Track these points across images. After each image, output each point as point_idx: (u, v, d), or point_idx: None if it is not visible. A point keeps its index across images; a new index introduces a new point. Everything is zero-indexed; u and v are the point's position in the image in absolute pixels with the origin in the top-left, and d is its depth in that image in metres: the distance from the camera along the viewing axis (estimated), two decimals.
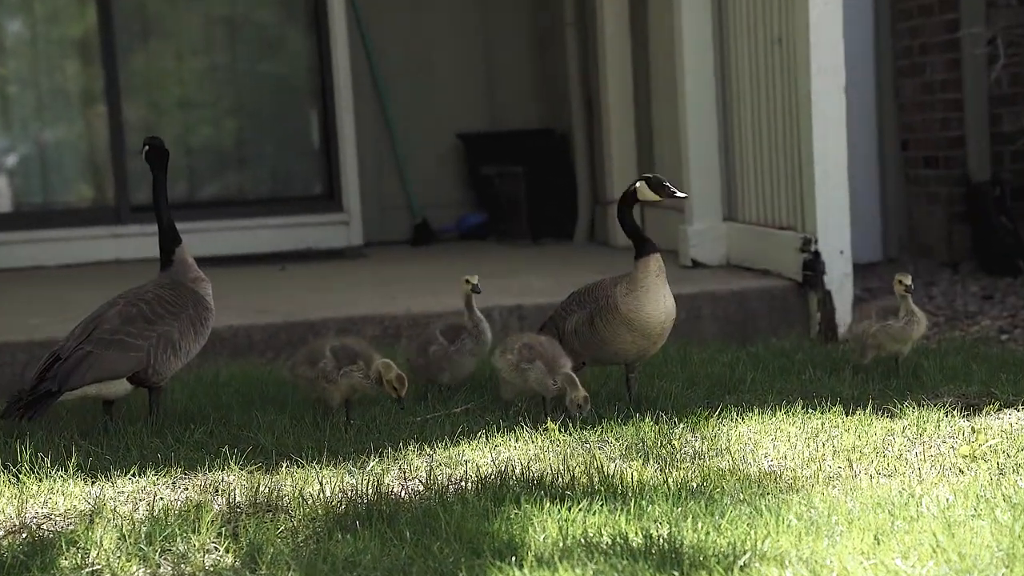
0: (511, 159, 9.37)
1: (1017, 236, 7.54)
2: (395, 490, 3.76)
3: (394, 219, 9.71)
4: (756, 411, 4.43)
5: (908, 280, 4.86)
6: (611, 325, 4.51)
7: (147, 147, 4.65)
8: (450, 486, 3.74)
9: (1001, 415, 4.38)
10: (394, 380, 4.41)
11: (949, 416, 4.30)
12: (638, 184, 4.62)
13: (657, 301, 4.50)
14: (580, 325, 4.59)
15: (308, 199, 9.48)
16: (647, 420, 4.32)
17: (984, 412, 4.40)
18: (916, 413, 4.32)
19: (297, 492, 3.68)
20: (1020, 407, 4.45)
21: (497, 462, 3.97)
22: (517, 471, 3.80)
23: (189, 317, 4.51)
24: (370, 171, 9.53)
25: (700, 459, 3.91)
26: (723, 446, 4.05)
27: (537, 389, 4.51)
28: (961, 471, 3.72)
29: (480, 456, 4.07)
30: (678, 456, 3.95)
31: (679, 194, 4.56)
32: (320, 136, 9.49)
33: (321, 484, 3.76)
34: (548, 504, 3.43)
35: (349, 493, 3.66)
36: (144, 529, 3.32)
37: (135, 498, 3.71)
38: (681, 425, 4.30)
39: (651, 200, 4.62)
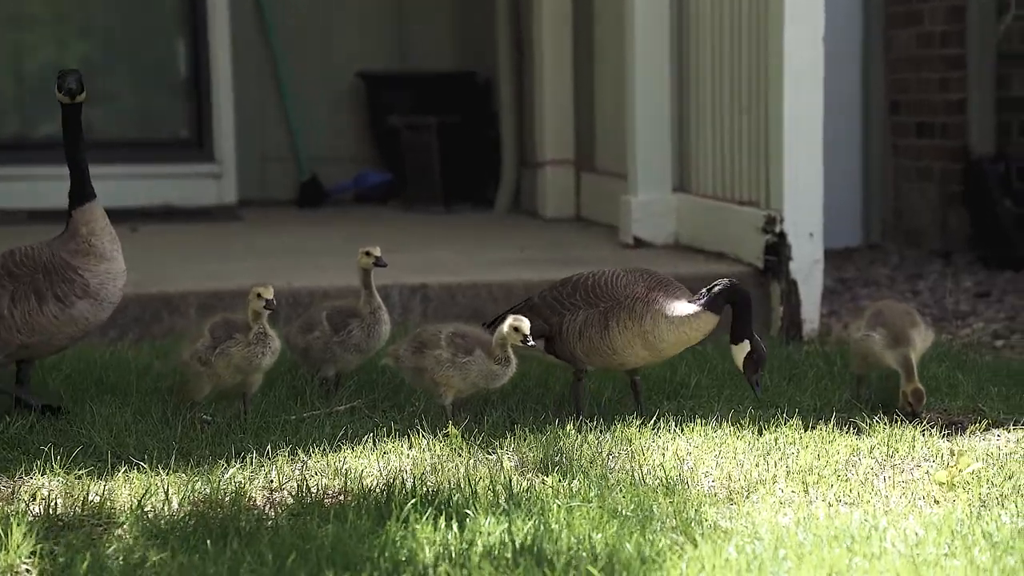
0: (422, 107, 9.36)
1: (1023, 223, 7.70)
2: (259, 503, 3.75)
3: (277, 174, 9.65)
4: (699, 422, 4.49)
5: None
6: (627, 333, 4.56)
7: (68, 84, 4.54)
8: (326, 499, 3.73)
9: (987, 436, 4.48)
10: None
11: (926, 435, 4.40)
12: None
13: (676, 336, 4.54)
14: (589, 327, 4.59)
15: (170, 145, 9.38)
16: (568, 428, 4.36)
17: (968, 432, 4.50)
18: (887, 430, 4.41)
19: (136, 503, 3.65)
20: (1011, 427, 4.56)
21: (385, 472, 3.98)
22: (408, 484, 3.81)
23: (34, 286, 4.49)
24: (249, 114, 9.46)
25: (629, 476, 3.95)
26: (657, 462, 4.10)
27: (482, 384, 4.52)
28: (936, 501, 3.80)
29: (365, 464, 4.08)
30: (603, 472, 3.99)
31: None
32: (188, 68, 9.39)
33: (167, 494, 3.73)
34: (443, 524, 3.45)
35: (201, 505, 3.64)
36: None
37: None
38: (609, 435, 4.34)
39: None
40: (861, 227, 8.66)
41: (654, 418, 4.50)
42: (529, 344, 4.41)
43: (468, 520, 3.49)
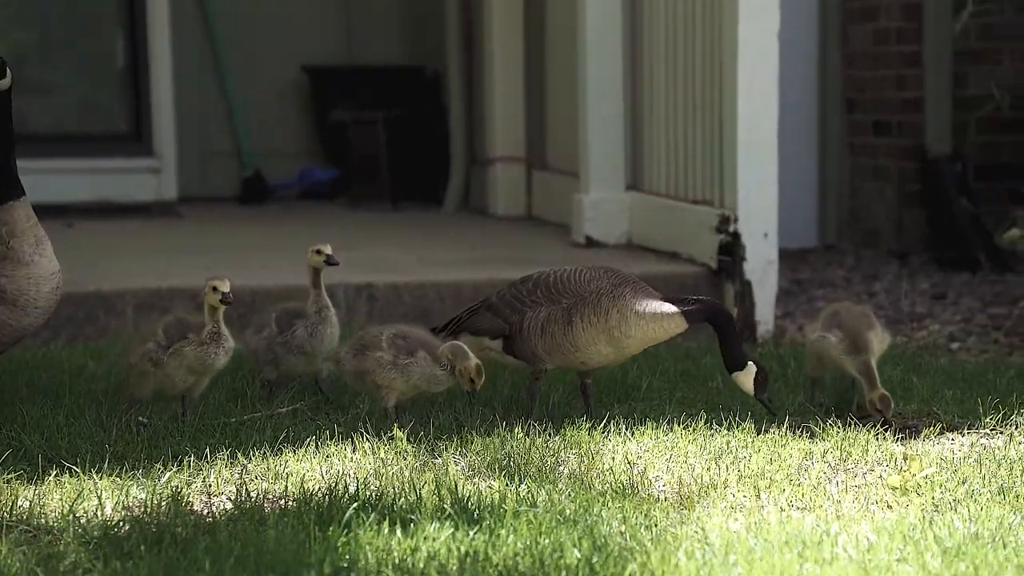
0: (369, 102, 9.35)
1: (979, 224, 7.78)
2: (196, 508, 3.73)
3: (219, 169, 9.61)
4: (650, 425, 4.51)
5: None
6: (591, 330, 4.57)
7: None
8: (266, 504, 3.72)
9: (941, 440, 4.53)
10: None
11: (880, 439, 4.43)
12: None
13: (644, 332, 4.57)
14: (552, 323, 4.60)
15: (108, 138, 9.31)
16: (516, 431, 4.37)
17: (922, 436, 4.55)
18: (840, 434, 4.44)
19: (67, 508, 3.63)
20: (965, 431, 4.61)
21: (327, 476, 3.98)
22: (351, 488, 3.81)
23: None
24: (190, 107, 9.41)
25: (577, 480, 3.97)
26: (607, 466, 4.12)
27: (424, 387, 4.51)
28: (889, 506, 3.84)
29: (306, 468, 4.07)
30: (551, 476, 4.00)
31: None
32: (126, 58, 9.32)
33: (100, 498, 3.72)
34: (386, 529, 3.45)
35: (136, 510, 3.62)
36: None
37: None
38: (558, 438, 4.36)
39: None
40: (817, 227, 8.72)
41: (604, 421, 4.51)
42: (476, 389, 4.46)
43: (412, 525, 3.49)
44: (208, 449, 4.18)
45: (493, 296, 4.77)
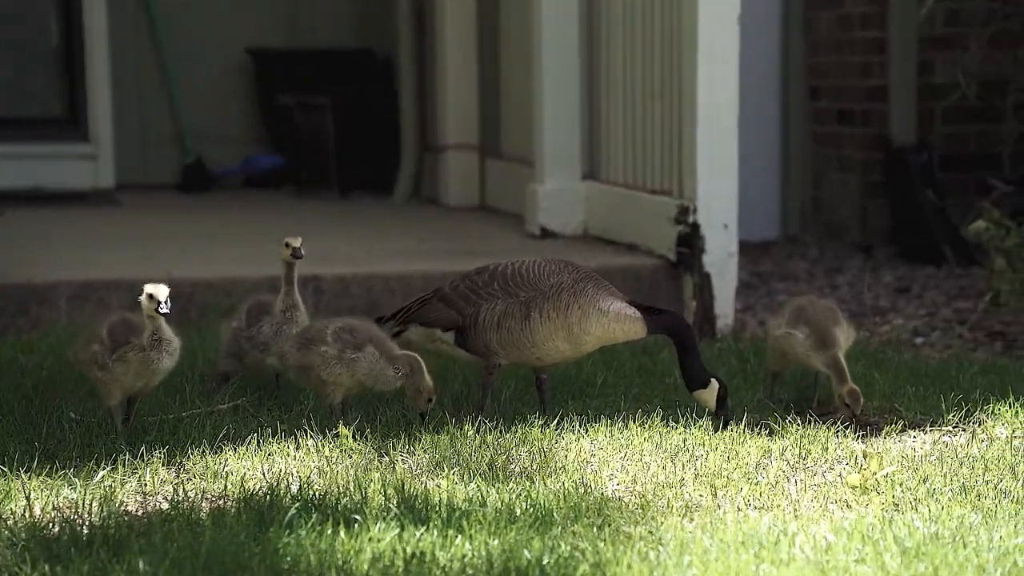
0: (317, 86, 9.32)
1: (945, 216, 7.85)
2: (130, 508, 3.72)
3: (159, 156, 9.56)
4: (605, 422, 4.53)
5: None
6: (549, 324, 4.57)
7: None
8: (204, 504, 3.71)
9: (903, 437, 4.58)
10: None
11: (840, 437, 4.47)
12: None
13: (603, 331, 4.59)
14: (508, 317, 4.60)
15: (41, 123, 9.25)
16: (466, 428, 4.38)
17: (883, 433, 4.59)
18: (799, 431, 4.48)
19: None
20: (927, 428, 4.66)
21: (269, 475, 3.98)
22: (294, 488, 3.81)
23: None
24: (129, 90, 9.35)
25: (528, 479, 3.98)
26: (559, 464, 4.14)
27: (370, 384, 4.50)
28: (848, 505, 3.88)
29: (247, 467, 4.07)
30: (501, 475, 4.01)
31: None
32: (60, 39, 9.25)
33: (28, 499, 3.69)
34: (329, 530, 3.45)
35: (66, 511, 3.61)
36: None
37: None
38: (509, 436, 4.37)
39: None
40: (779, 219, 8.77)
41: (558, 418, 4.53)
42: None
43: (357, 526, 3.50)
44: (144, 447, 4.16)
45: (446, 286, 4.76)
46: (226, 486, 3.87)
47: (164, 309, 4.21)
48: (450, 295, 4.71)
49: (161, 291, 4.22)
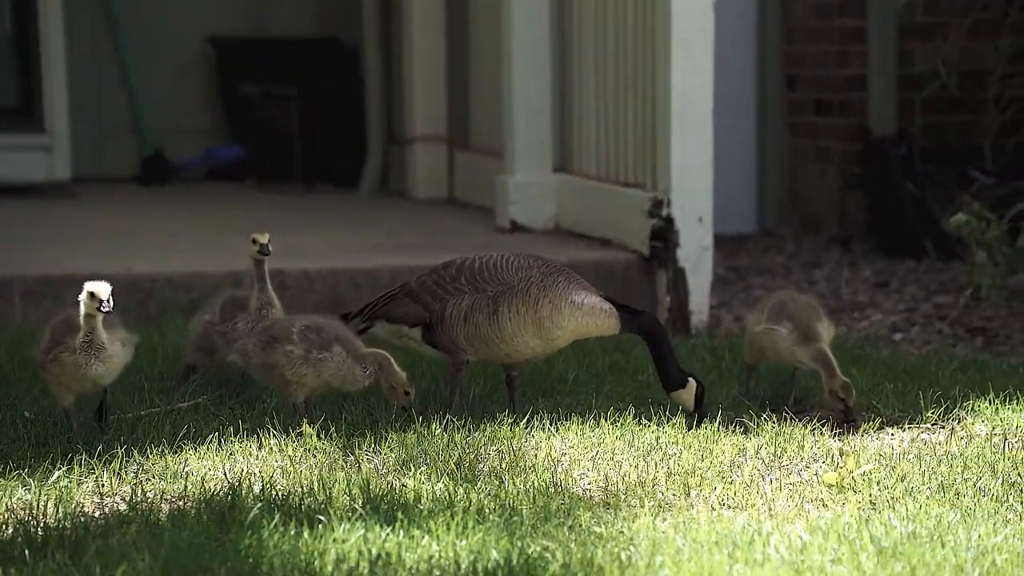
0: (280, 76, 9.30)
1: (925, 208, 7.88)
2: (87, 509, 3.71)
3: (118, 148, 9.53)
4: (576, 420, 4.54)
5: None
6: (519, 319, 4.57)
7: None
8: (163, 505, 3.71)
9: (881, 435, 4.60)
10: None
11: (816, 434, 4.49)
12: None
13: (575, 325, 4.60)
14: (476, 312, 4.60)
15: None
16: (433, 427, 4.38)
17: (860, 431, 4.62)
18: (775, 429, 4.50)
19: None
20: (906, 426, 4.69)
21: (230, 475, 3.97)
22: (256, 488, 3.81)
23: None
24: (86, 80, 9.32)
25: (498, 479, 3.99)
26: (530, 463, 4.14)
27: (337, 384, 4.49)
28: (824, 504, 3.90)
29: (208, 467, 4.07)
30: (470, 474, 4.02)
31: None
32: (14, 27, 9.20)
33: None
34: (292, 530, 3.45)
35: (21, 513, 3.59)
36: None
37: None
38: (479, 434, 4.37)
39: None
40: (755, 212, 8.80)
41: (528, 416, 4.54)
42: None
43: (320, 526, 3.50)
44: (101, 447, 4.15)
45: (412, 281, 4.77)
46: (186, 486, 3.87)
47: (106, 308, 4.12)
48: (416, 290, 4.72)
49: (103, 289, 4.12)
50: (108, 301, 4.13)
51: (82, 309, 4.18)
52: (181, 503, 3.75)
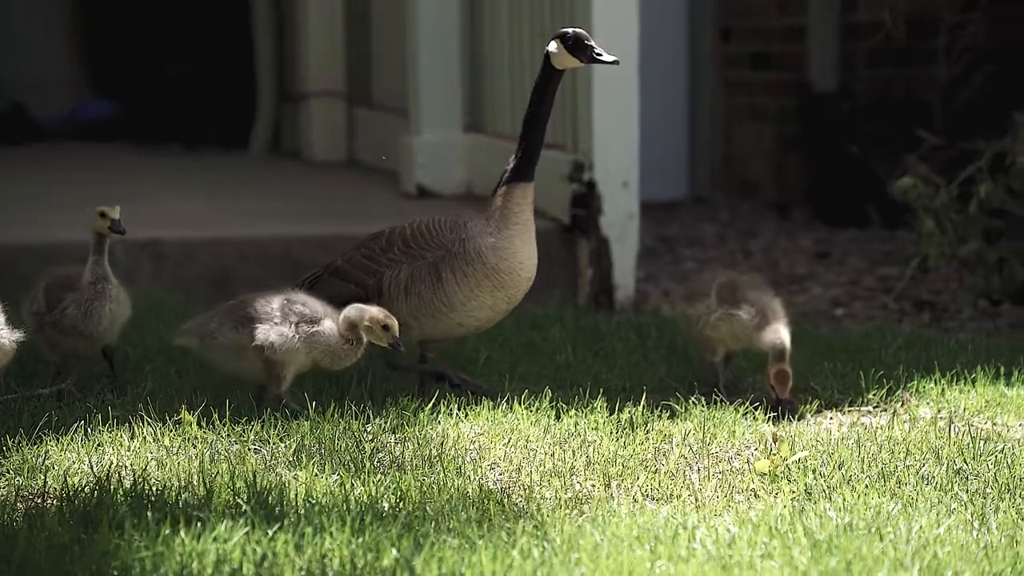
0: (158, 24, 9.23)
1: (869, 172, 7.95)
2: None
3: None
4: (487, 405, 4.55)
5: None
6: (469, 280, 4.57)
7: None
8: (19, 503, 3.67)
9: (819, 419, 4.66)
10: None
11: (749, 419, 4.54)
12: (551, 46, 4.63)
13: (531, 247, 4.62)
14: (417, 282, 4.60)
15: None
16: (329, 413, 4.38)
17: (796, 415, 4.67)
18: (704, 413, 4.54)
19: None
20: (845, 409, 4.75)
21: (98, 469, 3.94)
22: (126, 482, 3.78)
23: None
24: None
25: (399, 469, 4.00)
26: (434, 452, 4.15)
27: (326, 363, 4.48)
28: (756, 494, 3.94)
29: (72, 460, 4.03)
30: (369, 465, 4.02)
31: (605, 58, 4.61)
32: None
33: None
34: (167, 529, 3.43)
35: None
36: None
37: None
38: (378, 421, 4.38)
39: (569, 67, 4.68)
40: (686, 176, 8.86)
41: (433, 400, 4.54)
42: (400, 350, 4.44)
43: (200, 525, 3.48)
44: None
45: (338, 259, 4.77)
46: (46, 482, 3.83)
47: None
48: (345, 268, 4.72)
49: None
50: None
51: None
52: (40, 500, 3.71)
